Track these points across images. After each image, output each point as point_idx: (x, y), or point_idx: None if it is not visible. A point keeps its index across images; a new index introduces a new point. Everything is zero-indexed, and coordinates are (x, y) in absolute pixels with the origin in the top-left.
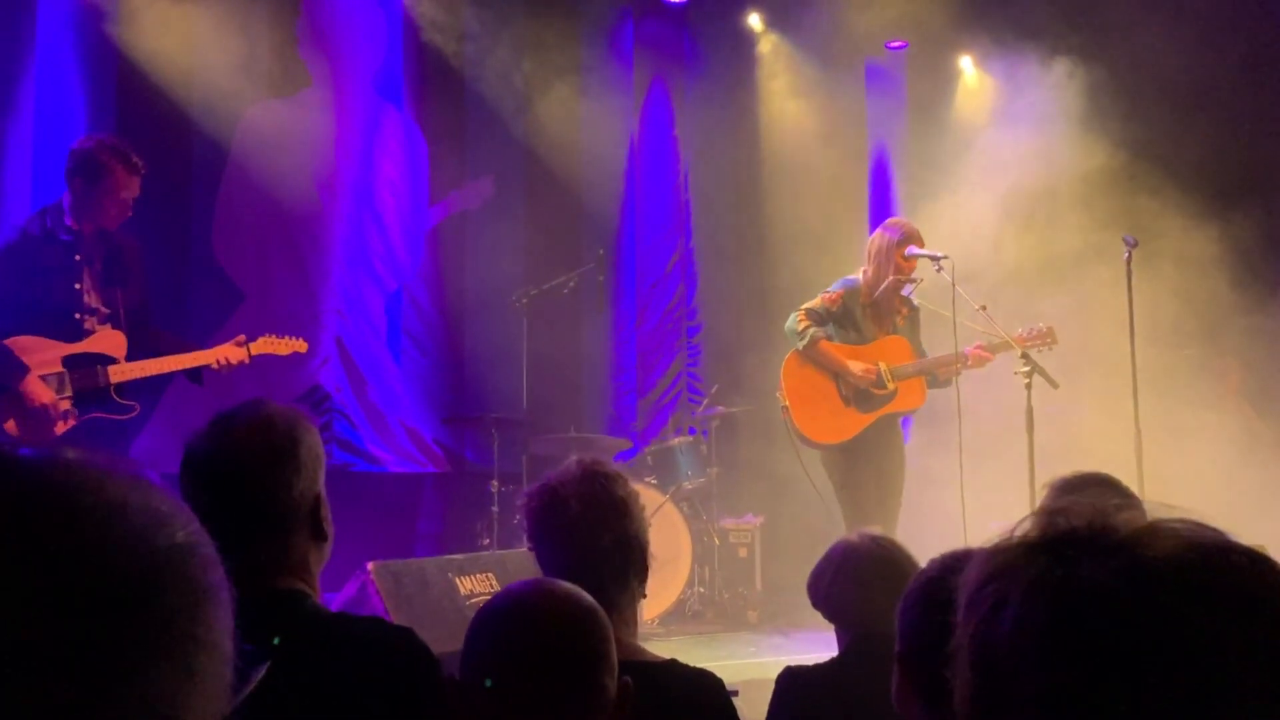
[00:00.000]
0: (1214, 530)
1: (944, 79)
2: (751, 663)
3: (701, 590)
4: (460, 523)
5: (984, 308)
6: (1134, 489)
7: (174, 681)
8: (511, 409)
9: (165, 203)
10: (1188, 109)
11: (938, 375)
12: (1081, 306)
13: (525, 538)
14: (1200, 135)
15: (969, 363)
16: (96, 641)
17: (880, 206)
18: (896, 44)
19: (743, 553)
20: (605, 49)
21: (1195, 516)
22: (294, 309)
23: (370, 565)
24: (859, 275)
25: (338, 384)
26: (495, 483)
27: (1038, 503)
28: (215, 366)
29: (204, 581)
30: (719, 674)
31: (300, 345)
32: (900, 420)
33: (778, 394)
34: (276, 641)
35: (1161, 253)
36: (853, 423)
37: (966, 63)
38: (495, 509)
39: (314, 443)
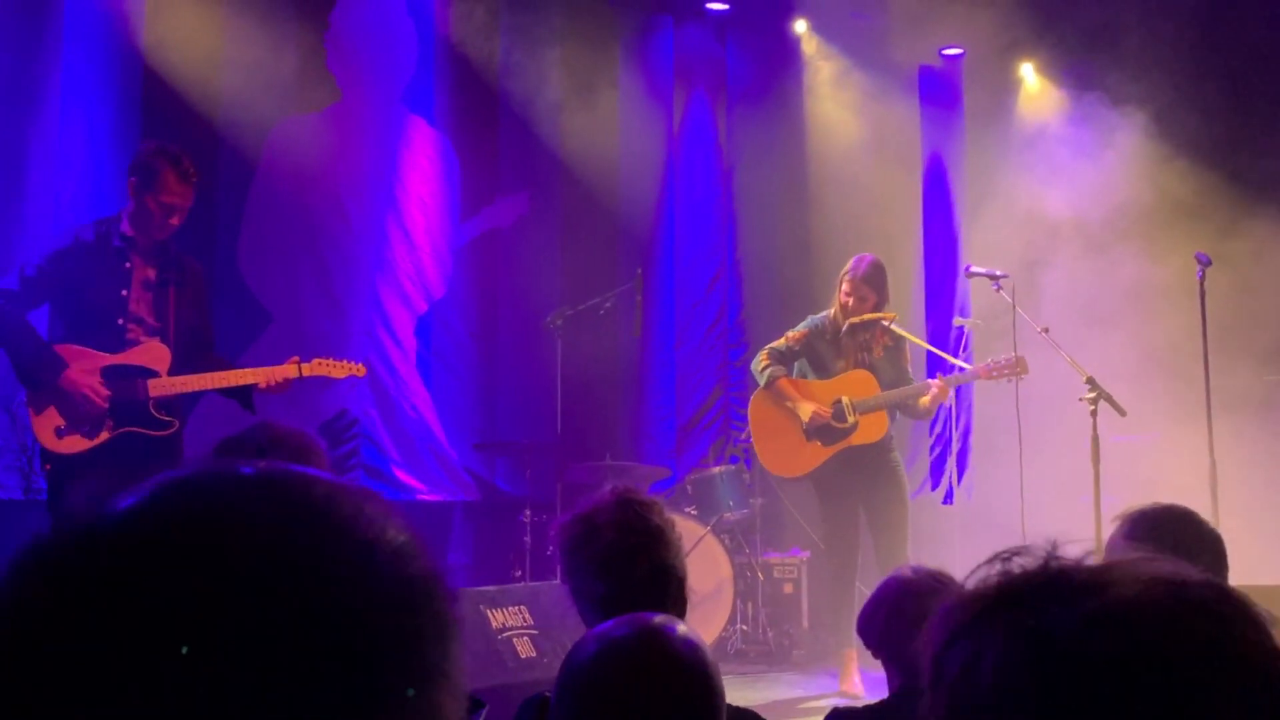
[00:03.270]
0: (1170, 563)
1: (1004, 87)
2: (797, 704)
3: (744, 628)
4: (491, 553)
5: (1046, 330)
6: (1209, 520)
7: (419, 714)
8: (545, 435)
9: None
10: (1260, 125)
11: (916, 408)
12: (1148, 329)
13: (559, 569)
14: (1275, 154)
15: (926, 395)
16: (355, 668)
17: (936, 220)
18: (952, 50)
19: (788, 588)
20: (644, 60)
21: None
22: (322, 330)
23: None
24: (827, 311)
25: (365, 408)
26: (528, 512)
27: (1106, 535)
28: (262, 386)
29: (448, 615)
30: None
31: (358, 369)
32: (890, 449)
33: (746, 429)
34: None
35: (1231, 275)
36: (813, 455)
37: (1028, 70)
38: (527, 539)
39: (321, 466)
